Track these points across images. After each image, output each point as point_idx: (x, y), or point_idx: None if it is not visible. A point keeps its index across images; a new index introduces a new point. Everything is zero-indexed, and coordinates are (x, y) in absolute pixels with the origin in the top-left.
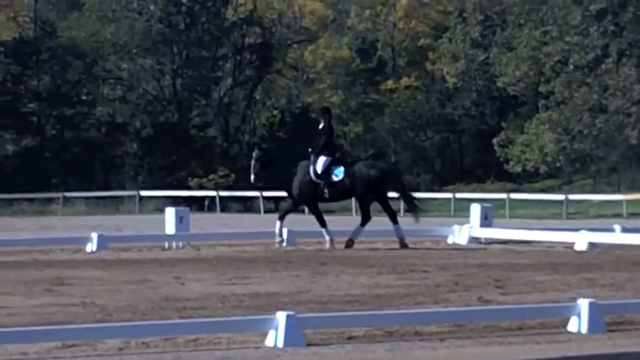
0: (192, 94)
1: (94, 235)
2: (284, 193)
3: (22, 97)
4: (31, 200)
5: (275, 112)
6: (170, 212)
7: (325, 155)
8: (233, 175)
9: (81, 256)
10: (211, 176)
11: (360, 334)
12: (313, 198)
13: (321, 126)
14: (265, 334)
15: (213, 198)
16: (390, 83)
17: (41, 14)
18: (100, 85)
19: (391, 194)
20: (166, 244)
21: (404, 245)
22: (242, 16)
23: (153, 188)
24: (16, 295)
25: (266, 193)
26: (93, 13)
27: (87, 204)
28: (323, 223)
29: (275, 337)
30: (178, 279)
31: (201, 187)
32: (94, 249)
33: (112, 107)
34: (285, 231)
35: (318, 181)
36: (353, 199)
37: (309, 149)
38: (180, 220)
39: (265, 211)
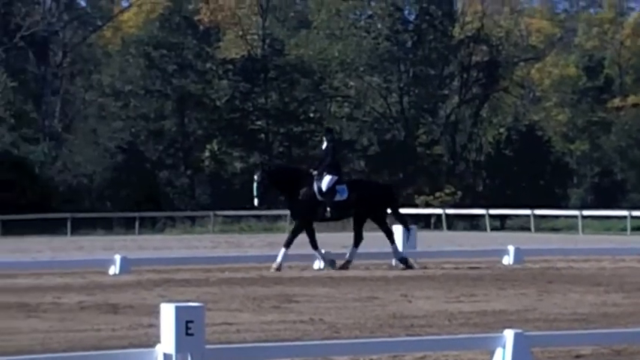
0: (419, 111)
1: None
2: (510, 211)
3: (250, 114)
4: (258, 217)
5: (501, 129)
6: (397, 230)
7: (330, 174)
8: (459, 193)
9: (309, 273)
10: (437, 194)
11: (587, 352)
12: (314, 217)
13: (324, 146)
14: (492, 352)
15: (439, 216)
16: (616, 101)
17: (270, 32)
18: (328, 103)
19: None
20: (393, 262)
21: (405, 263)
22: (469, 34)
23: None
24: (244, 312)
25: (492, 211)
26: (321, 31)
27: None
28: (313, 246)
29: (502, 355)
30: (405, 296)
31: (427, 205)
32: (322, 266)
33: (340, 125)
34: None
35: (322, 199)
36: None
37: (312, 169)
38: (407, 237)
39: (491, 229)
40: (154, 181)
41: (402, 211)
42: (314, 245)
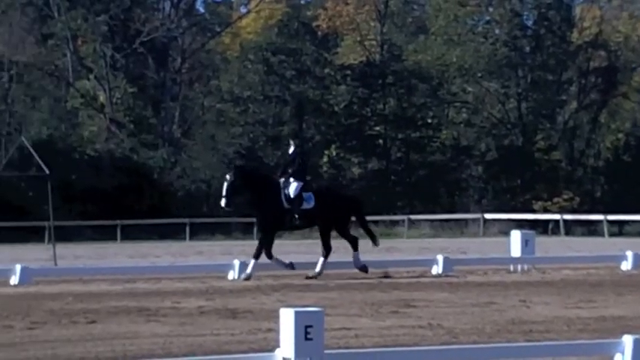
0: (537, 117)
1: (440, 258)
2: (628, 217)
3: (368, 120)
4: (376, 222)
5: (620, 135)
6: (516, 235)
7: (297, 181)
8: (577, 199)
9: (426, 278)
10: (555, 199)
11: None
12: (282, 226)
13: (291, 151)
14: (611, 358)
15: (557, 221)
16: None
17: (388, 38)
18: (445, 109)
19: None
20: (511, 267)
21: (364, 271)
22: (587, 39)
23: (497, 211)
24: (363, 317)
25: (610, 217)
26: (439, 37)
27: (432, 226)
28: (268, 255)
29: None
30: (524, 302)
31: (545, 211)
32: (440, 271)
33: (457, 130)
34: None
35: (289, 207)
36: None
37: (279, 174)
38: (525, 243)
39: (610, 235)
40: None
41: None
42: (268, 255)
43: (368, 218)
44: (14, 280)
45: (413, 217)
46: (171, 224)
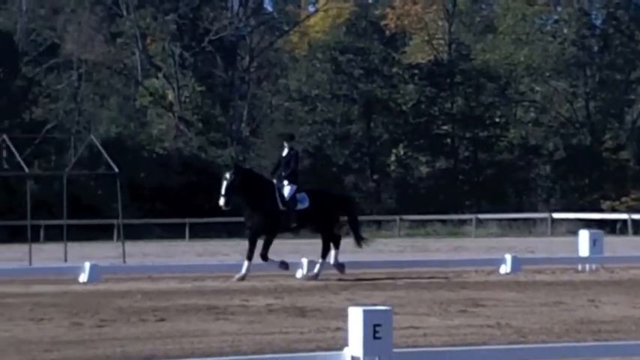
0: (605, 116)
1: (508, 257)
2: None
3: (436, 119)
4: (444, 221)
5: None
6: (584, 235)
7: (290, 183)
8: None
9: (495, 277)
10: (623, 199)
11: None
12: (278, 228)
13: (285, 152)
14: None
15: (624, 221)
16: None
17: (456, 37)
18: (513, 108)
19: None
20: (579, 267)
21: (342, 271)
22: None
23: (565, 210)
24: (431, 316)
25: None
26: (507, 36)
27: (499, 226)
28: (252, 256)
29: None
30: (592, 302)
31: (613, 210)
32: (508, 271)
33: (525, 130)
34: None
35: (284, 209)
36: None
37: (272, 175)
38: (593, 242)
39: None
40: (340, 185)
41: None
42: (250, 256)
43: (436, 217)
44: (83, 277)
45: (480, 216)
46: (239, 222)
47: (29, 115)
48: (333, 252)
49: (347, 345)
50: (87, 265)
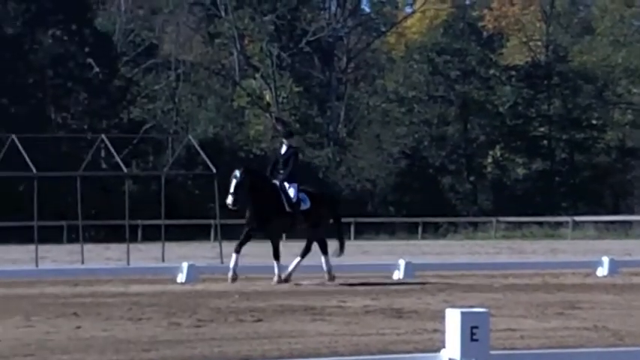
0: None
1: (605, 260)
2: None
3: (533, 120)
4: (540, 223)
5: None
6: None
7: (292, 182)
8: None
9: (592, 279)
10: None
11: None
12: (285, 229)
13: (283, 150)
14: None
15: None
16: None
17: (554, 39)
18: (611, 110)
19: None
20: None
21: (333, 278)
22: None
23: None
24: (528, 318)
25: None
26: (604, 38)
27: (596, 228)
28: (239, 250)
29: None
30: None
31: None
32: (605, 273)
33: (623, 132)
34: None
35: (290, 210)
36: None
37: (270, 174)
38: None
39: None
40: (437, 186)
41: None
42: (238, 249)
43: (532, 219)
44: (181, 277)
45: (577, 218)
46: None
47: (127, 116)
48: (323, 258)
49: (444, 347)
50: (185, 265)
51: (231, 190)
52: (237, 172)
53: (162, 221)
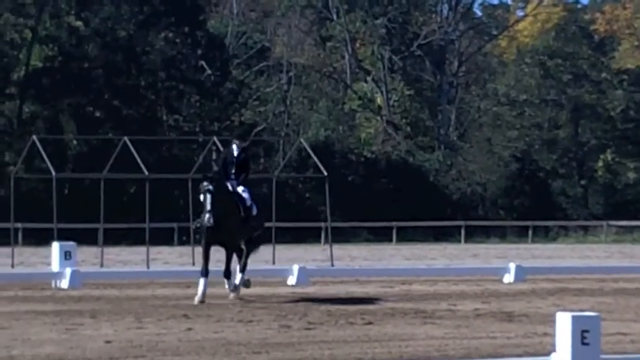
0: None
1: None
2: None
3: None
4: None
5: None
6: None
7: (245, 187)
8: None
9: None
10: None
11: None
12: (244, 236)
13: (236, 152)
14: None
15: None
16: None
17: None
18: None
19: None
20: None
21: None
22: None
23: None
24: (638, 322)
25: None
26: None
27: None
28: (204, 271)
29: None
30: None
31: None
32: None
33: None
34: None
35: (245, 216)
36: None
37: (219, 176)
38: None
39: None
40: (548, 190)
41: None
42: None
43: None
44: (292, 280)
45: None
46: (446, 226)
47: (239, 118)
48: (239, 268)
49: (554, 351)
50: (295, 267)
51: (208, 207)
52: (209, 187)
53: (272, 224)
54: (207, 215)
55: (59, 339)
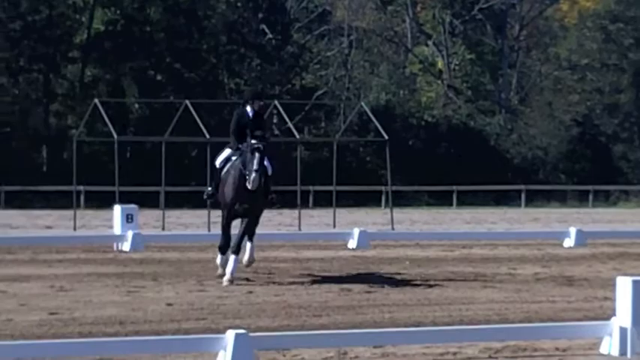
0: None
1: None
2: None
3: None
4: None
5: None
6: None
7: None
8: None
9: None
10: None
11: None
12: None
13: (251, 114)
14: None
15: None
16: None
17: None
18: None
19: None
20: None
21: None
22: None
23: None
24: None
25: None
26: None
27: None
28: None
29: None
30: None
31: None
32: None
33: None
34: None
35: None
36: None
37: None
38: None
39: None
40: (609, 154)
41: None
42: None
43: None
44: (352, 243)
45: None
46: (507, 190)
47: (300, 82)
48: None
49: (614, 315)
50: (356, 231)
51: (256, 166)
52: (259, 144)
53: (333, 187)
54: (253, 175)
55: (121, 301)
